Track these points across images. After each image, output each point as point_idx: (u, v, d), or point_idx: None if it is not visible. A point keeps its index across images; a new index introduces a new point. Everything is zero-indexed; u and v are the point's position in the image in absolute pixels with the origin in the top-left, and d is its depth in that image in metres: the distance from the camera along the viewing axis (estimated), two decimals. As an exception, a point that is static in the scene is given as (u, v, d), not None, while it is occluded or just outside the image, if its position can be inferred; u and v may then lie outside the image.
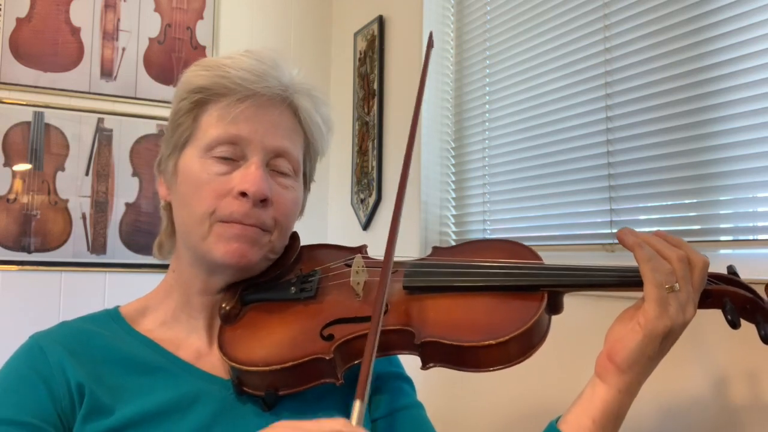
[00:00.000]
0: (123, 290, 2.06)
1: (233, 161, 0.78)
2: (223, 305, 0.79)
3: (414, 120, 0.83)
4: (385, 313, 0.74)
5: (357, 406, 0.57)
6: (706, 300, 0.70)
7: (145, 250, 2.10)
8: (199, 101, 0.79)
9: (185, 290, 0.83)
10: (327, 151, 0.90)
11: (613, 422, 0.68)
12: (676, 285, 0.66)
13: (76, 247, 2.03)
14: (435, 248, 0.87)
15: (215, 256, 0.77)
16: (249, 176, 0.76)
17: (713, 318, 0.76)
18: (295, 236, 0.88)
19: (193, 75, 0.81)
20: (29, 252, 1.98)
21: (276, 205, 0.79)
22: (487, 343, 0.68)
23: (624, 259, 0.73)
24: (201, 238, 0.78)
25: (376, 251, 0.89)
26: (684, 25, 1.16)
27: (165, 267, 0.88)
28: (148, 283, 0.89)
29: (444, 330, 0.70)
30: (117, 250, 2.07)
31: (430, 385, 1.12)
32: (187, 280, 0.82)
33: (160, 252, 0.88)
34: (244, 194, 0.76)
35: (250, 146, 0.78)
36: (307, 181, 0.89)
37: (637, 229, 1.22)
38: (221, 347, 0.76)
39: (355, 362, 0.74)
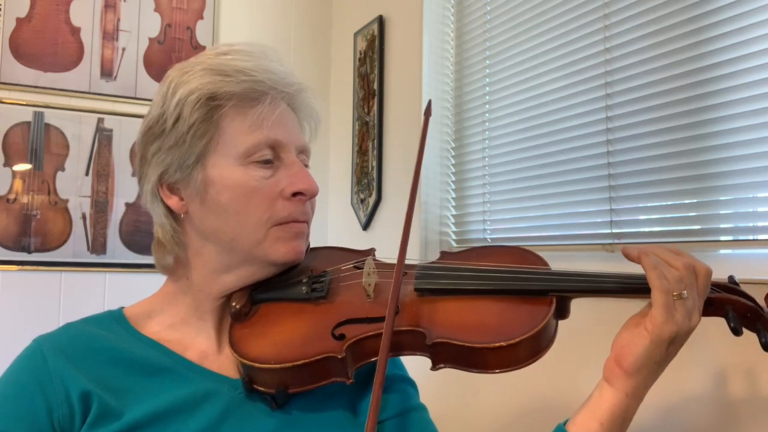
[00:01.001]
0: (123, 290, 2.06)
1: (271, 163, 0.79)
2: (234, 303, 0.80)
3: (414, 180, 0.84)
4: (396, 314, 0.75)
5: None
6: (709, 308, 0.72)
7: (145, 250, 2.10)
8: (214, 107, 0.77)
9: (198, 296, 0.82)
10: (316, 138, 0.91)
11: (620, 425, 0.69)
12: (685, 292, 0.67)
13: (76, 247, 2.03)
14: (443, 252, 0.88)
15: (274, 258, 0.78)
16: (299, 176, 0.79)
17: (714, 323, 0.76)
18: None
19: (209, 81, 0.77)
20: (29, 252, 1.98)
21: (311, 199, 0.83)
22: (497, 344, 0.69)
23: (623, 260, 0.74)
24: (255, 243, 0.78)
25: (377, 251, 0.90)
26: (684, 25, 1.16)
27: (165, 266, 0.87)
28: (148, 283, 0.88)
29: (455, 331, 0.71)
30: (117, 250, 2.07)
31: (433, 387, 1.12)
32: (204, 286, 0.81)
33: (166, 259, 0.83)
34: (296, 194, 0.78)
35: (284, 148, 0.79)
36: None
37: (637, 230, 1.23)
38: (232, 345, 0.76)
39: (366, 362, 0.75)
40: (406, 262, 0.79)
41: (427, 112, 0.91)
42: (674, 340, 0.67)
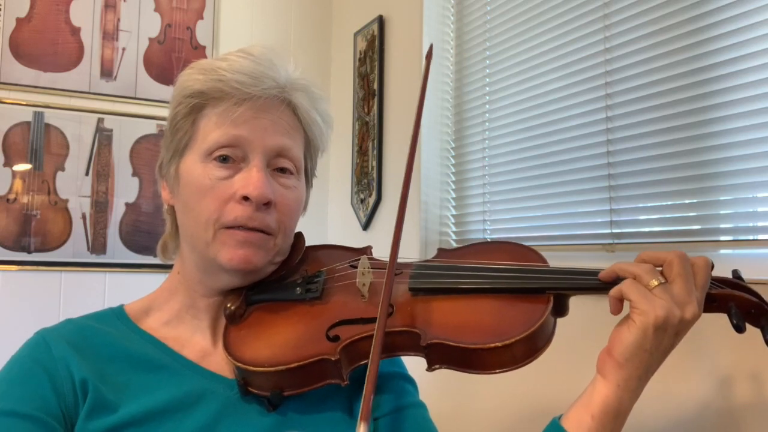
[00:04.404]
0: (123, 290, 2.06)
1: (234, 164, 0.78)
2: (229, 305, 0.80)
3: (414, 134, 0.83)
4: (390, 314, 0.74)
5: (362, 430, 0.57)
6: (712, 304, 0.70)
7: (145, 250, 2.10)
8: (197, 105, 0.79)
9: (190, 292, 0.83)
10: (327, 147, 0.91)
11: (613, 419, 0.68)
12: (660, 278, 0.67)
13: (76, 247, 2.03)
14: (440, 250, 0.87)
15: (221, 262, 0.77)
16: (251, 180, 0.76)
17: (717, 321, 0.75)
18: (300, 236, 0.89)
19: (189, 79, 0.80)
20: (29, 252, 1.98)
21: (279, 207, 0.79)
22: (493, 345, 0.68)
23: (625, 261, 0.73)
24: (206, 244, 0.78)
25: (377, 251, 0.89)
26: (684, 25, 1.16)
27: (165, 267, 0.88)
28: (148, 283, 0.89)
29: (450, 332, 0.71)
30: (117, 250, 2.07)
31: (433, 386, 1.12)
32: (192, 282, 0.83)
33: (164, 254, 0.89)
34: (246, 198, 0.76)
35: (251, 147, 0.78)
36: (308, 177, 0.89)
37: (637, 230, 1.23)
38: (226, 347, 0.76)
39: (361, 363, 0.74)
40: (403, 260, 0.78)
41: (429, 56, 0.89)
42: (664, 327, 0.66)
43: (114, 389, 0.73)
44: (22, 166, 2.00)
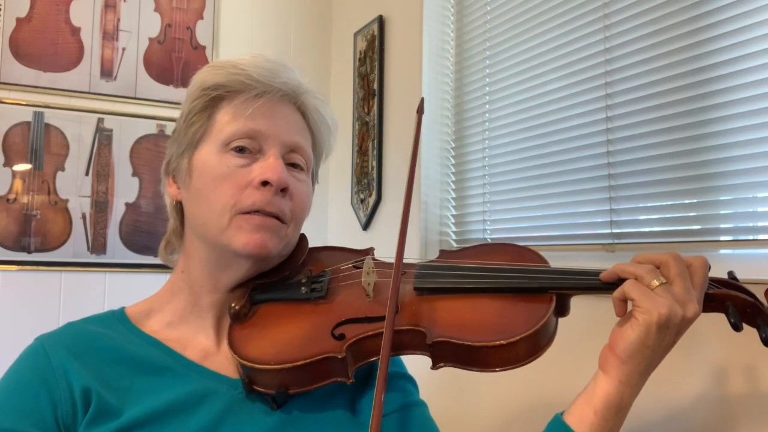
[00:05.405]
0: (123, 290, 2.06)
1: (251, 154, 0.80)
2: (233, 304, 0.80)
3: (410, 175, 0.84)
4: (396, 313, 0.75)
5: None
6: (710, 303, 0.72)
7: (145, 250, 2.10)
8: (214, 99, 0.81)
9: (194, 290, 0.83)
10: (331, 151, 0.93)
11: (614, 414, 0.69)
12: (661, 278, 0.68)
13: (76, 247, 2.03)
14: (442, 251, 0.88)
15: (236, 247, 0.78)
16: (270, 166, 0.78)
17: (713, 321, 0.76)
18: (303, 237, 0.90)
19: (207, 75, 0.82)
20: (29, 252, 1.98)
21: (294, 196, 0.81)
22: (497, 343, 0.69)
23: (624, 261, 0.74)
24: (220, 231, 0.78)
25: (377, 251, 0.90)
26: (684, 25, 1.16)
27: (165, 267, 0.88)
28: (148, 283, 0.89)
29: (455, 330, 0.71)
30: (117, 250, 2.07)
31: (433, 385, 1.12)
32: (197, 278, 0.83)
33: (167, 251, 0.89)
34: (265, 183, 0.78)
35: (268, 140, 0.80)
36: (313, 179, 0.91)
37: (637, 230, 1.23)
38: (232, 346, 0.77)
39: (366, 361, 0.75)
40: (406, 261, 0.79)
41: (420, 110, 0.91)
42: (667, 324, 0.66)
43: (117, 393, 0.74)
44: (22, 166, 2.00)
